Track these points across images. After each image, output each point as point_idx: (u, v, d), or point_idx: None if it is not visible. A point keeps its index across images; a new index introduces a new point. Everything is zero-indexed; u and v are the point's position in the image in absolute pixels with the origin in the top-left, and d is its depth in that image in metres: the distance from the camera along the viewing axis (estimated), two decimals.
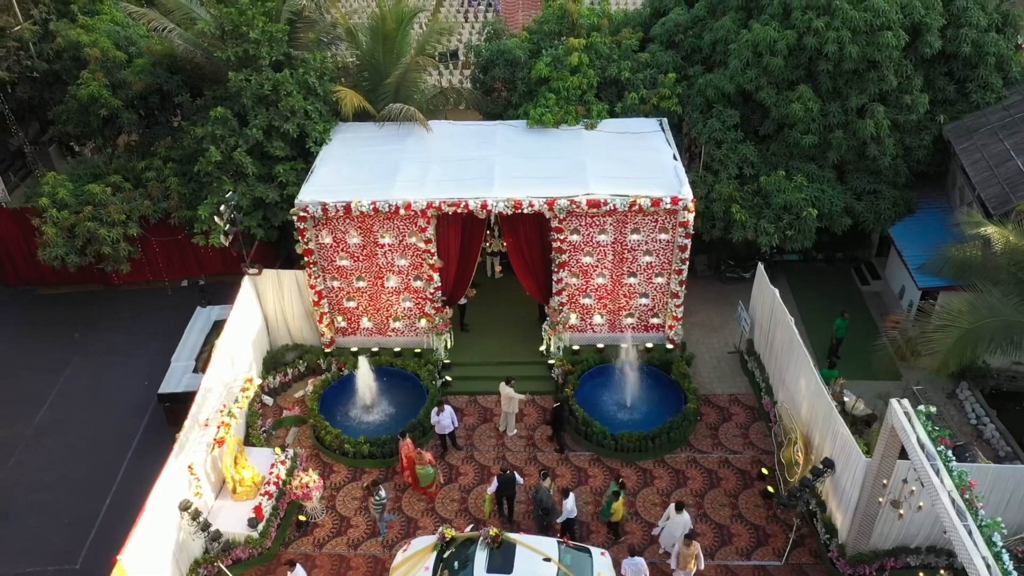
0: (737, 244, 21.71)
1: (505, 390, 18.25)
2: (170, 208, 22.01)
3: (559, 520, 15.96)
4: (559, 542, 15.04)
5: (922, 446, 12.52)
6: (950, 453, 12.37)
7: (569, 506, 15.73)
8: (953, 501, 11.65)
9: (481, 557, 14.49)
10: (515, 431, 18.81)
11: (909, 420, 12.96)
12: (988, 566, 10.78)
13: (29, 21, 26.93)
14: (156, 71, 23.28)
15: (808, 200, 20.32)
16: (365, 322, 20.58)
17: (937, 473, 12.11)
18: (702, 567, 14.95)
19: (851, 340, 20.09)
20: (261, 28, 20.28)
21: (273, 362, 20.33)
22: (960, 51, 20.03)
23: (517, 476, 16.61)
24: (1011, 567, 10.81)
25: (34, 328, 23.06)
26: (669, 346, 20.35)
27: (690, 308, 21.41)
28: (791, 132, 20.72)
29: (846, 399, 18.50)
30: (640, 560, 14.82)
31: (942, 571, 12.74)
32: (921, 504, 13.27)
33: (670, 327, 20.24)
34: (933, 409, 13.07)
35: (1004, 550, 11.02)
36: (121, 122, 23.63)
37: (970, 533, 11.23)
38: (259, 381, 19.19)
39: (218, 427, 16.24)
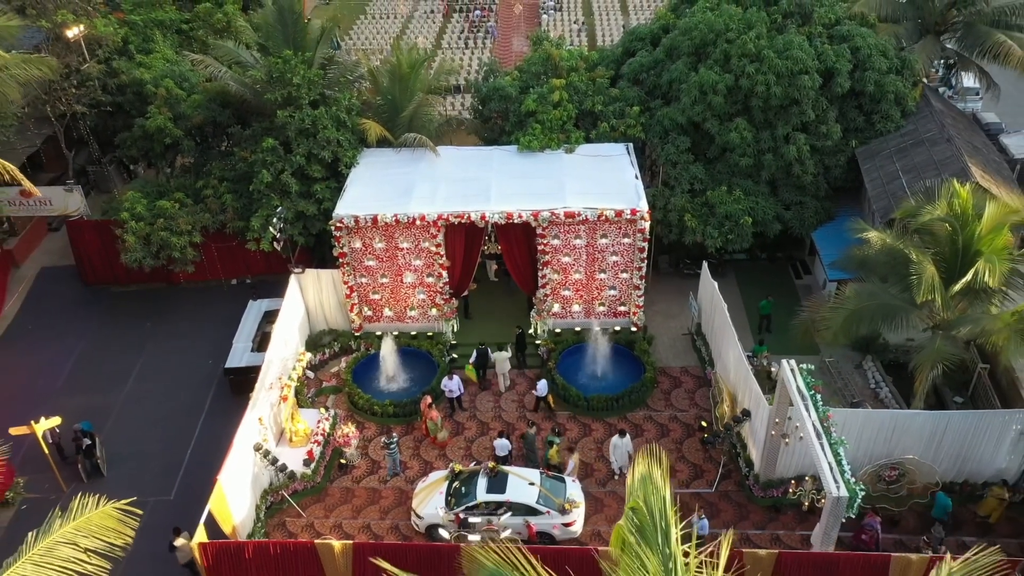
0: (691, 246, 26.49)
1: (498, 355, 23.30)
2: (226, 220, 26.76)
3: (496, 455, 20.83)
4: (541, 472, 19.88)
5: (800, 392, 17.36)
6: (819, 397, 17.21)
7: (498, 445, 20.75)
8: (815, 427, 16.52)
9: (482, 483, 19.37)
10: (508, 383, 23.72)
11: (793, 374, 17.80)
12: (831, 467, 15.65)
13: (94, 60, 31.67)
14: (211, 106, 28.08)
15: (745, 210, 25.14)
16: (387, 311, 25.32)
17: (807, 410, 16.97)
18: (573, 471, 20.33)
19: (780, 323, 24.80)
20: (302, 75, 25.12)
21: (313, 344, 25.12)
22: (866, 89, 24.88)
23: (489, 351, 23.04)
24: (847, 468, 15.69)
25: (113, 319, 27.80)
26: (633, 329, 25.13)
27: (653, 298, 26.25)
28: (731, 155, 25.56)
29: (772, 369, 23.25)
30: (544, 383, 22.38)
31: (807, 477, 17.53)
32: (802, 436, 18.05)
33: (634, 313, 25.02)
34: (812, 367, 17.94)
35: (845, 459, 15.88)
36: (181, 148, 28.45)
37: (823, 448, 16.10)
38: (309, 356, 23.97)
39: (282, 387, 21.08)
